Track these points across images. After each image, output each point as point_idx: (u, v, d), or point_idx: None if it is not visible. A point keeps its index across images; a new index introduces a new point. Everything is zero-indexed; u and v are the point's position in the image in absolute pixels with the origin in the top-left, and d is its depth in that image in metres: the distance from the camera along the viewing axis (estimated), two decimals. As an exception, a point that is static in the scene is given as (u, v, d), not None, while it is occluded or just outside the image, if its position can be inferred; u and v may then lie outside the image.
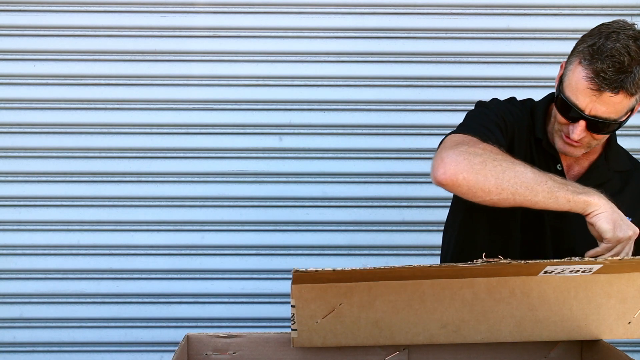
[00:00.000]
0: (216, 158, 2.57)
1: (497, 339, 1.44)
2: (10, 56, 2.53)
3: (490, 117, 1.64)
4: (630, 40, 1.48)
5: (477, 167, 1.45)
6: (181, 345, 1.43)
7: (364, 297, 1.36)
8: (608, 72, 1.46)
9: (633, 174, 1.74)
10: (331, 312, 1.37)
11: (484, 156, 1.46)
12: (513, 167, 1.45)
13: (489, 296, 1.39)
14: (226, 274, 2.60)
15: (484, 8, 2.56)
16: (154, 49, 2.54)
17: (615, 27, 1.52)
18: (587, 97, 1.50)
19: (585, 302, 1.42)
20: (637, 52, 1.47)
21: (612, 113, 1.50)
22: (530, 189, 1.44)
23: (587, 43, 1.52)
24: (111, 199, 2.57)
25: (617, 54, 1.46)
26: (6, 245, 2.56)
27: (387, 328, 1.40)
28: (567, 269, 1.34)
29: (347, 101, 2.57)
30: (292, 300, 1.35)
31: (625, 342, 2.53)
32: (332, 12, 2.55)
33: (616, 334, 1.47)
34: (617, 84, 1.46)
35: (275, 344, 1.48)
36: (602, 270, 1.35)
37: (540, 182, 1.45)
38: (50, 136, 2.55)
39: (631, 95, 1.48)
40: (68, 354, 2.59)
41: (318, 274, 1.26)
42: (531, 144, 1.69)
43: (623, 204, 1.66)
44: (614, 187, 1.68)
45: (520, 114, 1.70)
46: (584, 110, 1.51)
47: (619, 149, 1.75)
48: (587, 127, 1.53)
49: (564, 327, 1.45)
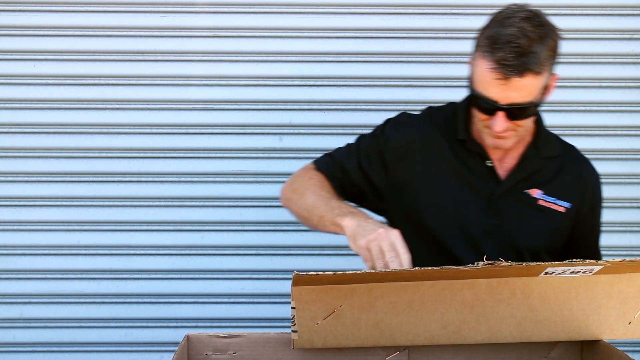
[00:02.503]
0: (216, 158, 2.57)
1: (498, 339, 1.45)
2: (10, 56, 2.53)
3: (362, 147, 1.72)
4: (524, 22, 1.50)
5: (293, 197, 1.66)
6: (181, 345, 1.43)
7: (364, 298, 1.35)
8: (509, 58, 1.47)
9: (567, 158, 1.74)
10: (331, 313, 1.36)
11: (298, 190, 1.65)
12: (308, 198, 1.59)
13: (489, 297, 1.39)
14: (226, 274, 2.60)
15: (484, 8, 2.55)
16: (154, 49, 2.54)
17: (508, 12, 1.54)
18: (496, 87, 1.50)
19: (586, 303, 1.42)
20: (534, 31, 1.49)
21: (526, 96, 1.51)
22: (310, 217, 1.59)
23: (485, 34, 1.53)
24: (111, 199, 2.57)
25: (513, 39, 1.48)
26: (6, 245, 2.56)
27: (387, 329, 1.40)
28: (567, 270, 1.34)
29: (347, 101, 2.57)
30: (292, 302, 1.34)
31: (626, 342, 2.54)
32: (332, 12, 2.55)
33: (617, 334, 1.47)
34: (521, 67, 1.48)
35: (275, 344, 1.48)
36: (603, 270, 1.35)
37: (314, 208, 1.56)
38: (50, 136, 2.55)
39: (538, 73, 1.50)
40: (68, 354, 2.59)
41: (318, 277, 1.26)
42: (454, 147, 1.69)
43: (558, 190, 1.68)
44: (547, 174, 1.70)
45: (423, 127, 1.71)
46: (498, 101, 1.52)
47: (548, 136, 1.75)
48: (508, 117, 1.53)
49: (565, 327, 1.45)
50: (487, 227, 1.66)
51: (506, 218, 1.67)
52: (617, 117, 2.60)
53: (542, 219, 1.68)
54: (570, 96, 2.59)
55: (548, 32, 1.52)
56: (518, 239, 1.67)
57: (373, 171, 1.70)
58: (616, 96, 2.59)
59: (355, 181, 1.71)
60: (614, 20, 2.57)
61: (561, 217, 1.69)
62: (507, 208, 1.66)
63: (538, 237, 1.68)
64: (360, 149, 1.73)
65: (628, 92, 2.59)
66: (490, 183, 1.67)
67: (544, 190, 1.68)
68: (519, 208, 1.67)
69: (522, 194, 1.67)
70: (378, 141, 1.71)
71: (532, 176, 1.69)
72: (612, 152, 2.61)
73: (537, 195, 1.68)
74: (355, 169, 1.71)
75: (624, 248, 2.60)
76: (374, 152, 1.70)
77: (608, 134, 2.61)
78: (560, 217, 1.69)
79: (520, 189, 1.67)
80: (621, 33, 2.58)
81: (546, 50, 1.50)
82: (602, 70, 2.58)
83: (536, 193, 1.68)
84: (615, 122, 2.60)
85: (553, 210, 1.68)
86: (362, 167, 1.71)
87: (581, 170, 1.74)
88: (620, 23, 2.57)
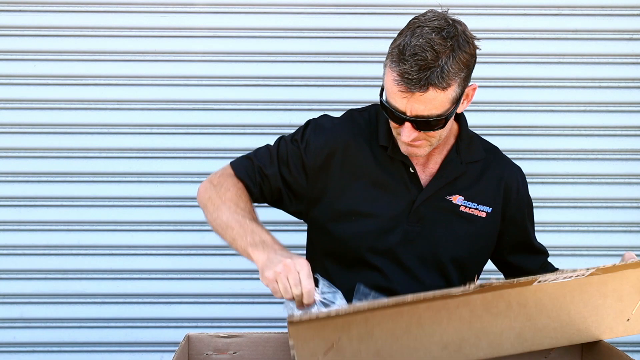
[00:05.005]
0: (216, 158, 2.56)
1: (499, 352, 1.43)
2: (10, 56, 2.53)
3: (281, 151, 1.68)
4: (433, 34, 1.44)
5: (209, 206, 1.61)
6: (182, 345, 1.43)
7: (361, 328, 1.32)
8: (412, 72, 1.43)
9: (490, 162, 1.71)
10: (331, 347, 1.34)
11: (214, 201, 1.60)
12: (223, 213, 1.56)
13: (486, 312, 1.37)
14: (226, 274, 2.60)
15: (483, 8, 2.56)
16: (154, 49, 2.54)
17: (422, 20, 1.49)
18: (401, 99, 1.47)
19: (582, 305, 1.41)
20: (442, 44, 1.44)
21: (433, 109, 1.47)
22: (223, 234, 1.56)
23: (396, 43, 1.49)
24: (111, 199, 2.57)
25: (419, 51, 1.43)
26: (6, 245, 2.56)
27: (388, 356, 1.37)
28: (560, 275, 1.33)
29: (347, 101, 2.56)
30: (291, 340, 1.31)
31: (626, 342, 2.54)
32: (332, 12, 2.55)
33: (616, 332, 1.47)
34: (423, 82, 1.43)
35: (276, 344, 1.48)
36: (595, 271, 1.34)
37: (228, 227, 1.54)
38: (50, 136, 2.55)
39: (443, 88, 1.45)
40: (68, 354, 2.59)
41: (313, 320, 1.25)
42: (376, 153, 1.66)
43: (478, 195, 1.66)
44: (468, 179, 1.67)
45: (344, 133, 1.67)
46: (404, 112, 1.49)
47: (471, 139, 1.71)
48: (416, 127, 1.50)
49: (565, 332, 1.44)
50: (408, 235, 1.63)
51: (427, 225, 1.64)
52: (617, 117, 2.60)
53: (464, 226, 1.65)
54: (570, 96, 2.59)
55: (459, 45, 1.46)
56: (439, 247, 1.64)
57: (292, 177, 1.67)
58: (616, 96, 2.59)
59: (275, 186, 1.68)
60: (614, 20, 2.57)
61: (482, 223, 1.66)
62: (428, 215, 1.63)
63: (460, 245, 1.65)
64: (280, 154, 1.68)
65: (628, 92, 2.60)
66: (413, 190, 1.64)
67: (465, 196, 1.65)
68: (441, 215, 1.64)
69: (443, 201, 1.64)
70: (298, 146, 1.68)
71: (454, 182, 1.65)
72: (612, 152, 2.61)
73: (458, 201, 1.65)
74: (275, 174, 1.67)
75: (624, 248, 2.59)
76: (294, 157, 1.67)
77: (608, 134, 2.61)
78: (481, 223, 1.66)
79: (442, 196, 1.65)
80: (621, 33, 2.58)
81: (455, 64, 1.44)
82: (602, 70, 2.58)
83: (457, 199, 1.65)
84: (615, 122, 2.60)
85: (474, 216, 1.65)
86: (282, 173, 1.68)
87: (503, 172, 1.71)
88: (620, 23, 2.57)
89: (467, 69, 1.49)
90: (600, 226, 2.63)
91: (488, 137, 1.81)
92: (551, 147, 2.60)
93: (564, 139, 2.60)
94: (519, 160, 1.84)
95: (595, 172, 2.61)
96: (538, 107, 2.59)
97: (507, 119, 2.59)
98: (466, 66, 1.48)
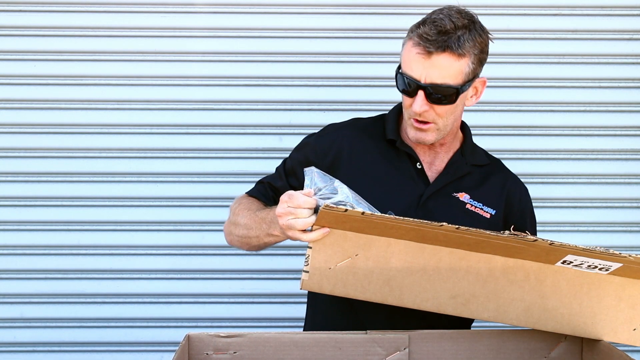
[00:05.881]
0: (216, 158, 2.57)
1: (504, 320, 1.45)
2: (10, 56, 2.53)
3: (287, 165, 1.77)
4: (453, 11, 1.57)
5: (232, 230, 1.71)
6: (182, 345, 1.43)
7: (381, 252, 1.36)
8: (431, 34, 1.53)
9: (493, 169, 1.77)
10: (346, 260, 1.36)
11: (233, 221, 1.70)
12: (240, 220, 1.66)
13: (503, 276, 1.39)
14: (226, 274, 2.60)
15: (483, 8, 2.56)
16: (154, 49, 2.54)
17: (441, 8, 1.60)
18: (418, 63, 1.54)
19: (596, 301, 1.42)
20: (460, 19, 1.55)
21: (447, 77, 1.55)
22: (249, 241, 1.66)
23: (416, 24, 1.59)
24: (111, 199, 2.57)
25: (439, 20, 1.54)
26: (6, 245, 2.56)
27: (397, 288, 1.40)
28: (585, 262, 1.33)
29: (347, 101, 2.57)
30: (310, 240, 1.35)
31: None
32: (332, 12, 2.55)
33: (620, 337, 1.47)
34: (440, 43, 1.52)
35: (276, 343, 1.48)
36: (618, 271, 1.35)
37: (248, 229, 1.64)
38: (50, 136, 2.55)
39: (459, 56, 1.54)
40: (68, 354, 2.59)
41: (344, 216, 1.27)
42: (383, 149, 1.71)
43: (484, 197, 1.71)
44: (473, 179, 1.72)
45: (350, 132, 1.74)
46: (419, 80, 1.55)
47: (475, 147, 1.79)
48: (427, 98, 1.56)
49: (571, 321, 1.45)
50: None
51: (435, 219, 1.65)
52: (617, 117, 2.60)
53: (470, 222, 1.66)
54: (570, 96, 2.59)
55: (476, 27, 1.57)
56: None
57: (300, 183, 1.67)
58: (616, 96, 2.59)
59: None
60: (614, 20, 2.57)
61: (487, 223, 1.69)
62: (436, 209, 1.67)
63: None
64: (287, 168, 1.77)
65: (628, 92, 2.60)
66: (420, 184, 1.68)
67: (471, 195, 1.70)
68: (448, 210, 1.67)
69: (450, 197, 1.69)
70: (303, 150, 1.75)
71: (460, 180, 1.70)
72: (612, 152, 2.61)
73: (464, 199, 1.69)
74: (284, 185, 1.73)
75: (624, 248, 2.59)
76: (300, 164, 1.71)
77: (608, 134, 2.61)
78: (486, 223, 1.69)
79: (448, 192, 1.69)
80: (621, 33, 2.58)
81: (470, 40, 1.54)
82: (602, 70, 2.58)
83: (464, 197, 1.69)
84: (615, 122, 2.60)
85: (479, 215, 1.69)
86: (290, 183, 1.74)
87: (506, 181, 1.76)
88: (620, 23, 2.57)
89: (480, 51, 1.58)
90: (600, 226, 2.63)
91: (488, 137, 1.83)
92: (551, 147, 2.60)
93: (564, 139, 2.60)
94: (519, 160, 1.85)
95: (595, 172, 2.61)
96: (538, 107, 2.59)
97: (507, 119, 2.59)
98: (480, 47, 1.57)
